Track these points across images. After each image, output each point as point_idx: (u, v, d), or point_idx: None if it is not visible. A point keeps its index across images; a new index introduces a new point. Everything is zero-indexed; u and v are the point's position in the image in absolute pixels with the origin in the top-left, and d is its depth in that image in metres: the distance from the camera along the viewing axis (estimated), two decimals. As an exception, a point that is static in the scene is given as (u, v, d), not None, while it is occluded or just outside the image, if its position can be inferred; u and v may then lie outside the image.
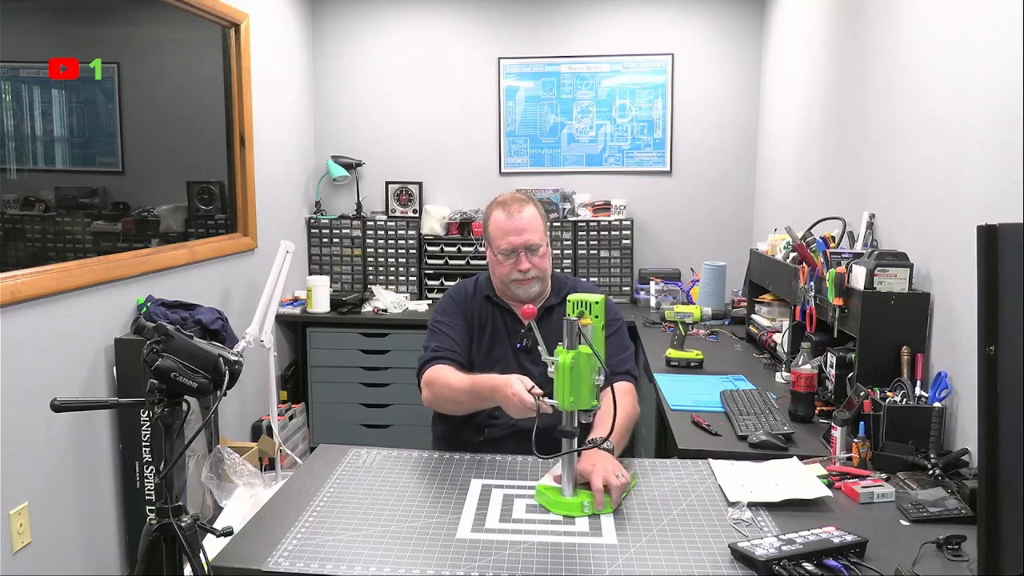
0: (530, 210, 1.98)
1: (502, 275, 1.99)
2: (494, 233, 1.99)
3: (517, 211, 1.96)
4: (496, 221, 1.99)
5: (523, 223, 1.95)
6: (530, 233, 1.95)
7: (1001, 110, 1.68)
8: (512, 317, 2.03)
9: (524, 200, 2.01)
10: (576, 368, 1.50)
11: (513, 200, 2.00)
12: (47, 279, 2.38)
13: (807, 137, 3.32)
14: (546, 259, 2.01)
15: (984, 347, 1.02)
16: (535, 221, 1.97)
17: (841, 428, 1.84)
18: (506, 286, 2.01)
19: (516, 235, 1.95)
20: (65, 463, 2.47)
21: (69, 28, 2.82)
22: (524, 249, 1.95)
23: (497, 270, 2.00)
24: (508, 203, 1.99)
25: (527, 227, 1.95)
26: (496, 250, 1.98)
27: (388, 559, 1.35)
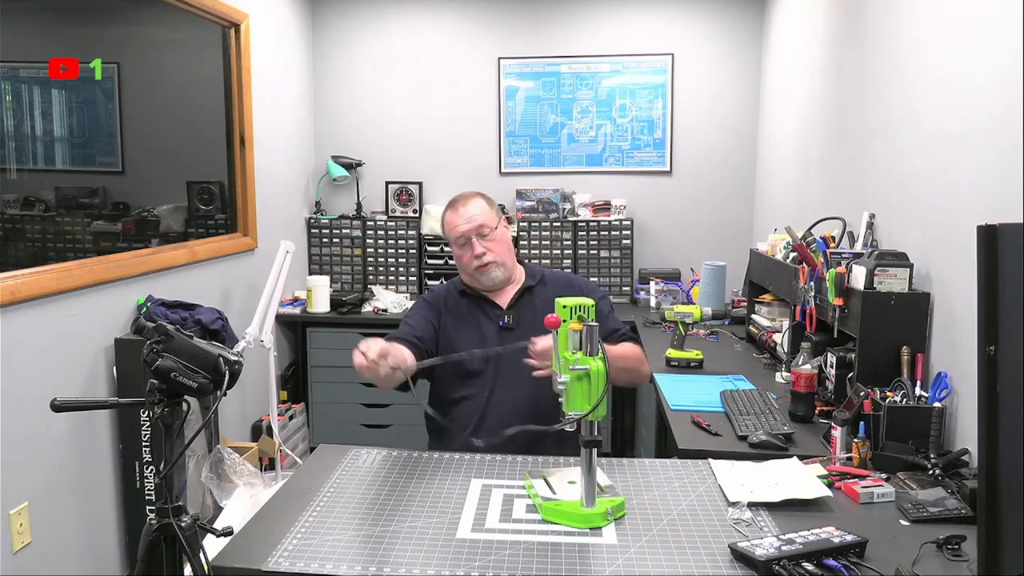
0: (477, 201, 2.10)
1: (465, 267, 2.10)
2: (447, 230, 2.12)
3: (463, 204, 2.10)
4: (447, 218, 2.12)
5: (470, 211, 2.08)
6: (479, 217, 2.06)
7: (1001, 110, 1.68)
8: (488, 303, 2.12)
9: (471, 195, 2.13)
10: (598, 376, 1.47)
11: (460, 196, 2.13)
12: (47, 279, 2.38)
13: (807, 137, 3.32)
14: (501, 244, 2.09)
15: (984, 347, 1.02)
16: (483, 208, 2.09)
17: (841, 428, 1.84)
18: (472, 277, 2.10)
19: (465, 223, 2.06)
20: (65, 463, 2.47)
21: (69, 28, 2.82)
22: (476, 235, 2.05)
23: (460, 262, 2.12)
24: (455, 201, 2.13)
25: (474, 214, 2.07)
26: (452, 244, 2.12)
27: (388, 559, 1.35)
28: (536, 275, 2.17)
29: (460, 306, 2.13)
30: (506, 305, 2.11)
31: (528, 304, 2.11)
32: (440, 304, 2.14)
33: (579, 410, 1.47)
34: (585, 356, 1.48)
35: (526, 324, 2.04)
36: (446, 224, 2.13)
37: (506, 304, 2.12)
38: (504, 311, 2.10)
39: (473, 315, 2.11)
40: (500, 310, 2.11)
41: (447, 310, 2.13)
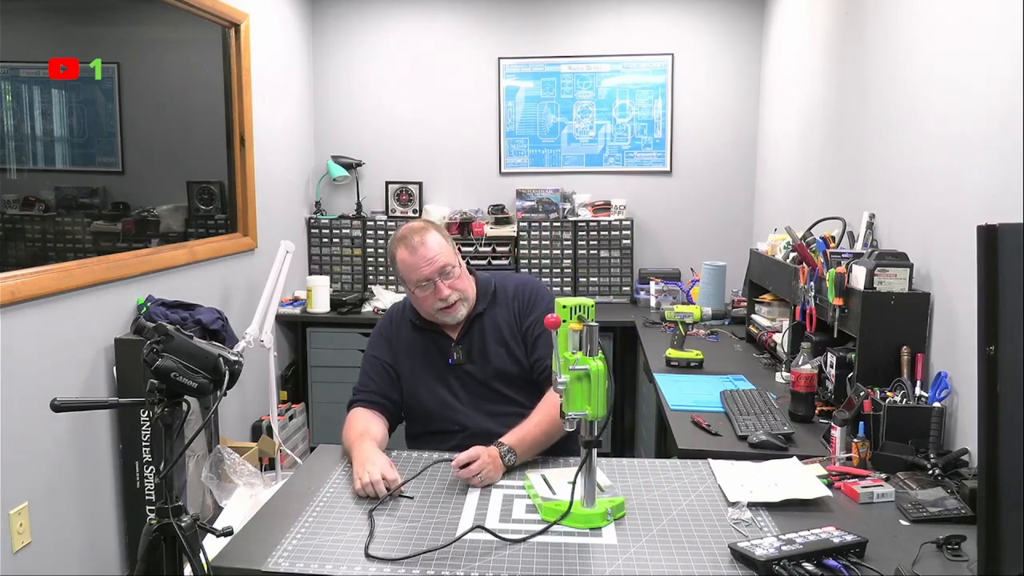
0: (432, 236, 1.91)
1: (428, 309, 1.94)
2: (404, 272, 1.92)
3: (420, 243, 1.89)
4: (402, 260, 1.91)
5: (429, 251, 1.88)
6: (440, 258, 1.89)
7: (1001, 110, 1.68)
8: (439, 334, 1.99)
9: (423, 228, 1.94)
10: (598, 376, 1.47)
11: (411, 232, 1.92)
12: (47, 279, 2.38)
13: (807, 137, 3.32)
14: (463, 279, 1.95)
15: (984, 347, 1.02)
16: (441, 245, 1.91)
17: (841, 428, 1.84)
18: (434, 317, 1.96)
19: (426, 265, 1.88)
20: (65, 463, 2.47)
21: (69, 28, 2.82)
22: (439, 275, 1.89)
23: (422, 305, 1.95)
24: (408, 237, 1.91)
25: (435, 254, 1.88)
26: (412, 287, 1.92)
27: (388, 559, 1.34)
28: (487, 294, 2.01)
29: (412, 343, 2.00)
30: (456, 336, 1.98)
31: (478, 332, 1.98)
32: (393, 339, 2.02)
33: (579, 410, 1.47)
34: (585, 356, 1.48)
35: (477, 354, 1.96)
36: (401, 266, 1.92)
37: (456, 335, 1.98)
38: (453, 345, 1.97)
39: (426, 352, 1.99)
40: (450, 344, 1.98)
41: (400, 348, 2.01)
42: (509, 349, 1.96)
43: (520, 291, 2.02)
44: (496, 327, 1.98)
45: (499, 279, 2.07)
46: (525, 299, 2.01)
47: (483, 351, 1.96)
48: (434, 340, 2.00)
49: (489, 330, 1.98)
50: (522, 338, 1.97)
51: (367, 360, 2.03)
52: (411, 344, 2.01)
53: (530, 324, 1.97)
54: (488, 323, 1.99)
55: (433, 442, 1.95)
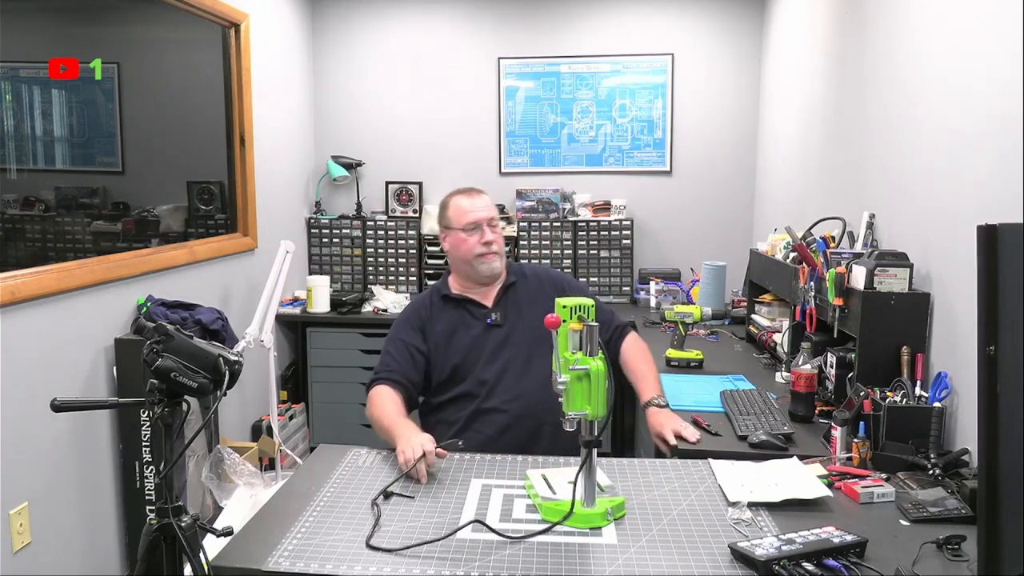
0: (486, 196, 2.19)
1: (467, 252, 2.11)
2: (455, 215, 2.14)
3: (476, 194, 2.17)
4: (458, 203, 2.15)
5: (483, 201, 2.16)
6: (492, 209, 2.16)
7: (1001, 110, 1.68)
8: (473, 304, 2.15)
9: (479, 190, 2.21)
10: (598, 376, 1.47)
11: (468, 188, 2.20)
12: (47, 279, 2.38)
13: (807, 137, 3.32)
14: (502, 240, 2.17)
15: (984, 347, 1.02)
16: (491, 203, 2.19)
17: (841, 428, 1.84)
18: (471, 266, 2.12)
19: (481, 210, 2.12)
20: (65, 463, 2.47)
21: (69, 28, 2.82)
22: (487, 222, 2.11)
23: (461, 248, 2.12)
24: (465, 190, 2.19)
25: (487, 204, 2.16)
26: (460, 227, 2.12)
27: (388, 559, 1.35)
28: (516, 271, 2.23)
29: (445, 312, 2.14)
30: (491, 303, 2.15)
31: (512, 299, 2.16)
32: (424, 315, 2.14)
33: (579, 410, 1.47)
34: (585, 356, 1.48)
35: (513, 318, 2.12)
36: (455, 209, 2.15)
37: (491, 302, 2.15)
38: (491, 308, 2.14)
39: (461, 318, 2.13)
40: (486, 308, 2.14)
41: (432, 318, 2.13)
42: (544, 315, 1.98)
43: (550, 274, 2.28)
44: (531, 296, 2.16)
45: (527, 266, 2.31)
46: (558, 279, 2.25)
47: (519, 314, 2.12)
48: (470, 310, 2.14)
49: (523, 297, 2.16)
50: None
51: (391, 342, 2.11)
52: (447, 316, 2.13)
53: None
54: (522, 292, 2.17)
55: (451, 409, 2.05)
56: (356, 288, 4.44)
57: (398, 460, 1.72)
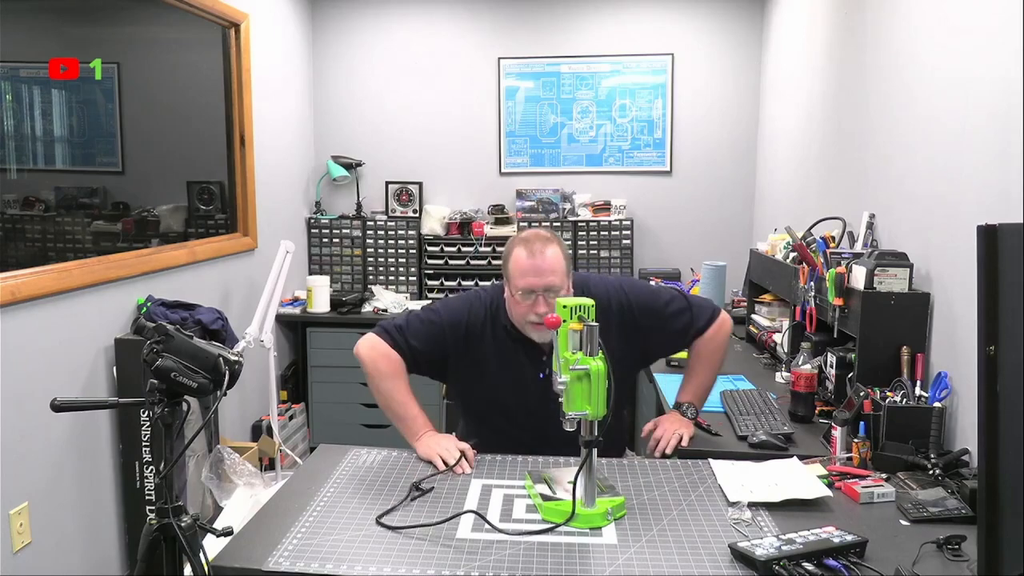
0: (553, 251, 1.84)
1: (518, 316, 1.87)
2: (513, 272, 1.84)
3: (540, 250, 1.82)
4: (517, 260, 1.84)
5: (545, 264, 1.81)
6: (552, 276, 1.81)
7: (1001, 110, 1.68)
8: (532, 346, 1.92)
9: (548, 239, 1.87)
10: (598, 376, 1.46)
11: (536, 238, 1.86)
12: (47, 279, 2.38)
13: (807, 137, 3.32)
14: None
15: (984, 347, 1.02)
16: (557, 262, 1.83)
17: (841, 428, 1.84)
18: (521, 327, 1.89)
19: (536, 276, 1.81)
20: (65, 463, 2.47)
21: (69, 28, 2.82)
22: (543, 291, 1.81)
23: (514, 310, 1.88)
24: (531, 241, 1.85)
25: (549, 268, 1.81)
26: (514, 289, 1.84)
27: (388, 559, 1.35)
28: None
29: (503, 347, 1.93)
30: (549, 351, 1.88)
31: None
32: (475, 332, 1.93)
33: (579, 410, 1.47)
34: (585, 356, 1.48)
35: None
36: (514, 264, 1.85)
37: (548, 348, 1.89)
38: (546, 361, 1.90)
39: (514, 355, 1.93)
40: (541, 356, 1.91)
41: (484, 342, 1.93)
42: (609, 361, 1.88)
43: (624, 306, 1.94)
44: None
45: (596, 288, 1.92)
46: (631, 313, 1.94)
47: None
48: (525, 349, 1.92)
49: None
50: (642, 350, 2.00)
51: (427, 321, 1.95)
52: (501, 347, 1.93)
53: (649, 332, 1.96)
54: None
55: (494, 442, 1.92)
56: (356, 288, 4.44)
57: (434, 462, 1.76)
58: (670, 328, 1.99)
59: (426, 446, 1.82)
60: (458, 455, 1.76)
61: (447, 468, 1.73)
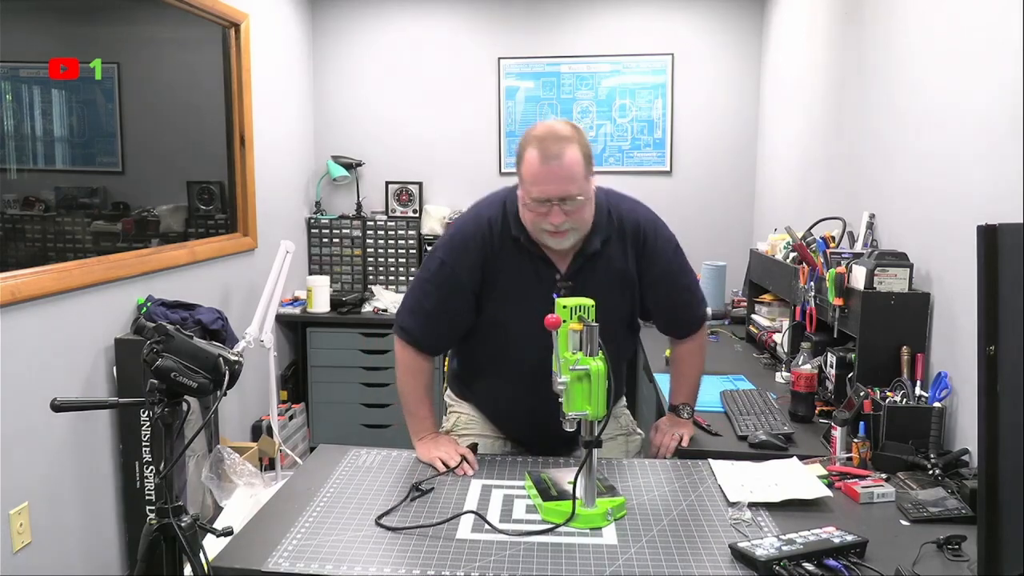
0: (572, 153, 1.61)
1: (531, 224, 1.68)
2: (526, 176, 1.65)
3: (556, 154, 1.60)
4: (529, 163, 1.64)
5: (561, 170, 1.60)
6: (569, 184, 1.61)
7: (1002, 110, 1.68)
8: (545, 262, 1.73)
9: (566, 138, 1.63)
10: (598, 376, 1.46)
11: (551, 137, 1.63)
12: (47, 279, 2.38)
13: (807, 137, 3.32)
14: (585, 209, 1.66)
15: (984, 347, 1.02)
16: (575, 166, 1.61)
17: (841, 428, 1.84)
18: (535, 234, 1.70)
19: (550, 183, 1.61)
20: (65, 463, 2.47)
21: (69, 28, 2.82)
22: (558, 200, 1.61)
23: (526, 215, 1.68)
24: (545, 141, 1.62)
25: (567, 175, 1.60)
26: (526, 194, 1.65)
27: (388, 559, 1.35)
28: (605, 226, 1.74)
29: (511, 253, 1.73)
30: (565, 270, 1.73)
31: (590, 272, 1.74)
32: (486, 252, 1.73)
33: (579, 410, 1.46)
34: (585, 356, 1.48)
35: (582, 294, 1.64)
36: (526, 167, 1.65)
37: (565, 268, 1.73)
38: (560, 282, 1.72)
39: (525, 271, 1.73)
40: (555, 275, 1.73)
41: (494, 256, 1.73)
42: (620, 296, 1.78)
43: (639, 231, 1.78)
44: (608, 269, 1.75)
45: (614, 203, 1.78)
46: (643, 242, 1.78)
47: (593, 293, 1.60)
48: (537, 267, 1.73)
49: (602, 273, 1.74)
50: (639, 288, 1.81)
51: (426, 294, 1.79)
52: (512, 266, 1.73)
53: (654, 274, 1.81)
54: (601, 264, 1.74)
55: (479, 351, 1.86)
56: (356, 288, 4.44)
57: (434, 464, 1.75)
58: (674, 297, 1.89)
59: (426, 449, 1.82)
60: (459, 459, 1.75)
61: (448, 470, 1.73)
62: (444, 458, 1.76)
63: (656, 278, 1.83)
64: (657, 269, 1.82)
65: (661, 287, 1.85)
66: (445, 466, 1.74)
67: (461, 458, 1.76)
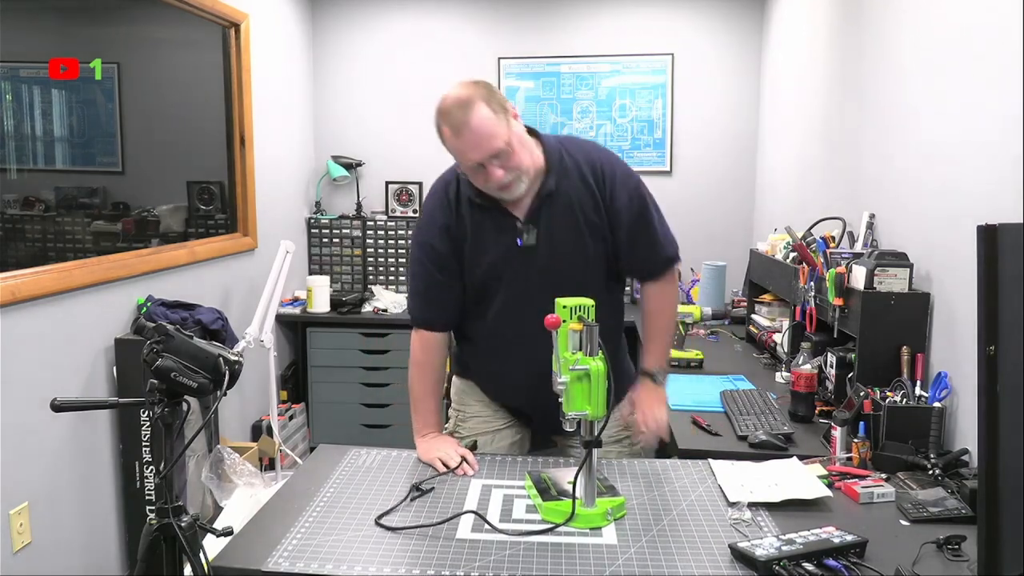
0: (479, 114, 1.61)
1: (480, 186, 1.72)
2: (450, 150, 1.70)
3: (464, 123, 1.61)
4: (447, 138, 1.67)
5: (476, 135, 1.62)
6: (490, 142, 1.62)
7: (1002, 109, 1.68)
8: (503, 213, 1.76)
9: (467, 102, 1.62)
10: (598, 376, 1.46)
11: (455, 107, 1.63)
12: (47, 279, 2.38)
13: (807, 137, 3.32)
14: (520, 154, 1.67)
15: (984, 347, 1.02)
16: (486, 124, 1.62)
17: (841, 428, 1.84)
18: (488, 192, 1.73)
19: (474, 150, 1.63)
20: (65, 463, 2.47)
21: (69, 28, 2.82)
22: (490, 159, 1.64)
23: (474, 181, 1.73)
24: (451, 113, 1.64)
25: (486, 134, 1.61)
26: (461, 165, 1.72)
27: (388, 559, 1.35)
28: (558, 164, 1.75)
29: (472, 213, 1.77)
30: (524, 216, 1.75)
31: (547, 213, 1.74)
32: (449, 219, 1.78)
33: (579, 410, 1.46)
34: (585, 356, 1.48)
35: (548, 239, 1.74)
36: (449, 147, 1.69)
37: (524, 214, 1.75)
38: (522, 226, 1.74)
39: (488, 226, 1.77)
40: (516, 225, 1.75)
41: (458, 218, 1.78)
42: (589, 238, 1.77)
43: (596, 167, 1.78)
44: (570, 207, 1.75)
45: (568, 147, 1.80)
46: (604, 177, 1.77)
47: (553, 235, 1.73)
48: (497, 220, 1.76)
49: (562, 213, 1.75)
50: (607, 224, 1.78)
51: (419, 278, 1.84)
52: (476, 224, 1.77)
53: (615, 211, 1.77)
54: (560, 201, 1.74)
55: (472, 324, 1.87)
56: (356, 288, 4.44)
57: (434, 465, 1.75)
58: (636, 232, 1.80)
59: (427, 448, 1.82)
60: (459, 459, 1.75)
61: (448, 471, 1.73)
62: (444, 458, 1.76)
63: (618, 211, 1.78)
64: (618, 204, 1.77)
65: (623, 220, 1.78)
66: (445, 466, 1.74)
67: (461, 459, 1.76)
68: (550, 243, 1.75)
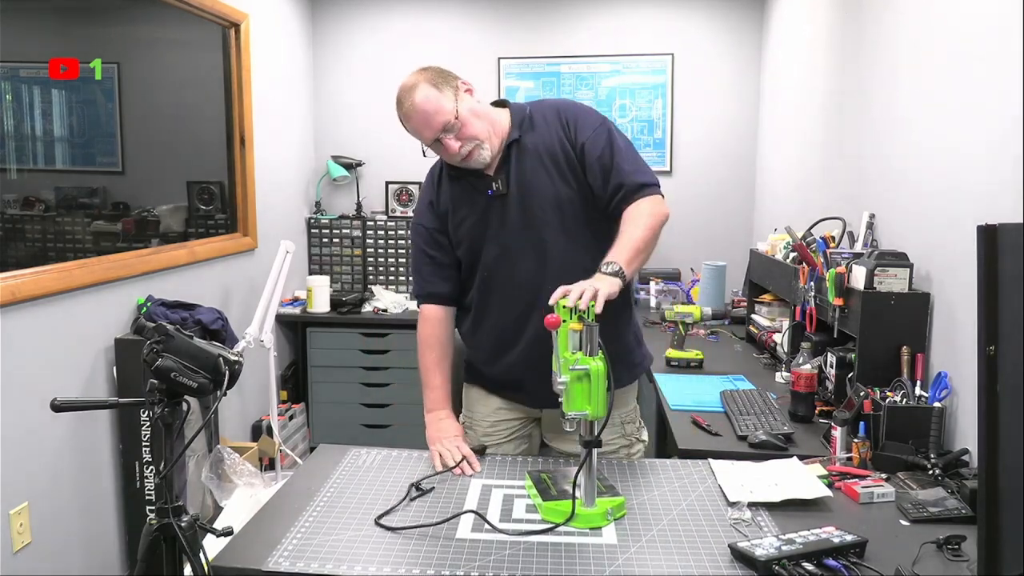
0: (421, 95, 1.75)
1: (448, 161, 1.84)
2: (413, 136, 1.82)
3: (410, 106, 1.75)
4: (406, 127, 1.82)
5: (423, 113, 1.74)
6: (434, 119, 1.74)
7: (1001, 109, 1.68)
8: (473, 174, 1.84)
9: (411, 86, 1.77)
10: (598, 376, 1.45)
11: (403, 94, 1.78)
12: (47, 279, 2.38)
13: (807, 137, 3.32)
14: (473, 123, 1.77)
15: (984, 347, 1.02)
16: (430, 101, 1.74)
17: (841, 428, 1.84)
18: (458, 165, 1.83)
19: (424, 129, 1.76)
20: (65, 463, 2.47)
21: (69, 28, 2.82)
22: (442, 134, 1.75)
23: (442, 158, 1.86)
24: (401, 101, 1.78)
25: (432, 111, 1.74)
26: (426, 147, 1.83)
27: (388, 559, 1.35)
28: (521, 121, 1.84)
29: (450, 183, 1.88)
30: (493, 170, 1.82)
31: (516, 160, 1.81)
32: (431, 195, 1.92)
33: (579, 410, 1.46)
34: (585, 356, 1.47)
35: (517, 183, 1.80)
36: (411, 133, 1.82)
37: (492, 169, 1.82)
38: (492, 177, 1.82)
39: (465, 192, 1.86)
40: (487, 178, 1.82)
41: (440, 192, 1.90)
42: (556, 173, 1.80)
43: (562, 113, 1.84)
44: (536, 152, 1.81)
45: (536, 106, 1.89)
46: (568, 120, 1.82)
47: (521, 179, 1.80)
48: (472, 184, 1.84)
49: (529, 156, 1.81)
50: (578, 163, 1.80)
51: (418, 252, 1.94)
52: (454, 192, 1.87)
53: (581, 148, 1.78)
54: (527, 148, 1.81)
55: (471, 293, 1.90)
56: (356, 288, 4.44)
57: (434, 461, 1.77)
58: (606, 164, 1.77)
59: (433, 429, 1.84)
60: (460, 458, 1.75)
61: (446, 470, 1.73)
62: (444, 456, 1.76)
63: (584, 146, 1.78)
64: (583, 138, 1.79)
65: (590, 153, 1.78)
66: (444, 465, 1.74)
67: (462, 457, 1.76)
68: (520, 186, 1.80)
